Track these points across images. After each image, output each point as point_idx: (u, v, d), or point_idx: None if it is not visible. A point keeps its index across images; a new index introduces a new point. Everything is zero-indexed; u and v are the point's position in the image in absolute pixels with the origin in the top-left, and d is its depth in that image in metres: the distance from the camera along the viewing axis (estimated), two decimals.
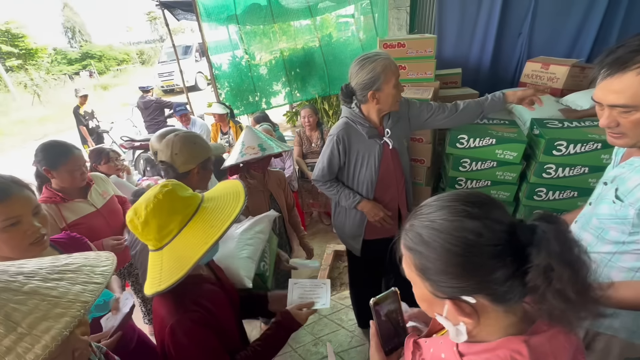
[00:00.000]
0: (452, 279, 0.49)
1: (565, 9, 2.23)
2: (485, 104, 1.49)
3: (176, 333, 0.83)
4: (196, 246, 0.81)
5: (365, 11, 3.95)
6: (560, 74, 2.06)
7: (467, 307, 0.51)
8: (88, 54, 20.03)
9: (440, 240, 0.49)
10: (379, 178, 1.54)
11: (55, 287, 0.53)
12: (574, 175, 1.48)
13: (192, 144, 1.25)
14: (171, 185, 0.86)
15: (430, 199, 0.55)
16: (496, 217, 0.49)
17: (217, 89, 3.98)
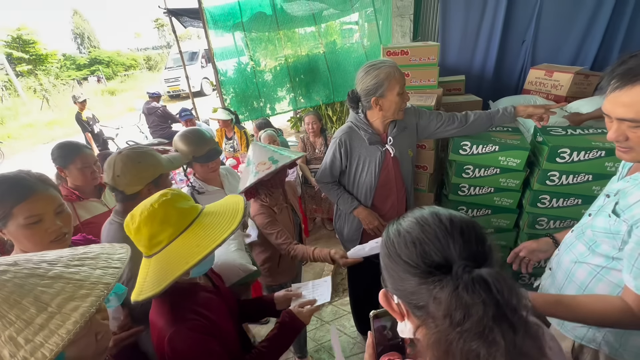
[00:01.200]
0: (384, 273, 0.55)
1: (569, 17, 2.24)
2: (495, 117, 1.50)
3: (175, 343, 0.83)
4: (179, 263, 0.81)
5: (369, 19, 3.99)
6: (564, 81, 2.06)
7: (393, 303, 0.56)
8: (96, 60, 20.37)
9: (385, 239, 0.56)
10: (379, 185, 1.56)
11: (78, 272, 0.57)
12: (578, 182, 1.47)
13: (136, 164, 1.15)
14: (171, 195, 0.86)
15: (421, 210, 0.57)
16: (433, 245, 0.49)
17: (222, 94, 4.02)
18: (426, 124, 1.56)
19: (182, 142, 1.60)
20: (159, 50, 26.41)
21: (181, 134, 1.62)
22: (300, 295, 1.24)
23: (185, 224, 0.86)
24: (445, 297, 0.43)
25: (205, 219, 0.88)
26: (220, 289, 1.07)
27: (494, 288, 0.42)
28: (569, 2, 2.20)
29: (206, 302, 0.94)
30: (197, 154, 1.59)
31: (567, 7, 2.21)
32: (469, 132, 1.55)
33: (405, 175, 1.60)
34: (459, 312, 0.42)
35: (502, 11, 2.33)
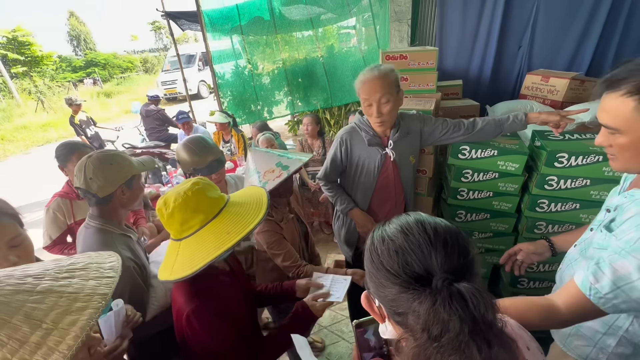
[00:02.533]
0: (367, 276, 0.56)
1: (564, 24, 2.26)
2: (505, 125, 1.44)
3: (192, 320, 0.88)
4: (210, 248, 0.85)
5: (367, 23, 4.02)
6: (560, 86, 2.08)
7: (374, 305, 0.57)
8: (92, 62, 20.27)
9: (369, 243, 0.56)
10: (377, 187, 1.56)
11: (69, 284, 0.54)
12: (576, 187, 1.48)
13: (108, 165, 1.14)
14: (202, 184, 0.91)
15: (408, 216, 0.56)
16: (415, 255, 0.49)
17: (219, 97, 4.02)
18: (431, 130, 1.53)
19: (184, 152, 1.56)
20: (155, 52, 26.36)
21: (183, 143, 1.58)
22: (321, 286, 1.23)
23: (215, 211, 0.90)
24: (424, 311, 0.43)
25: (232, 208, 0.93)
26: (236, 272, 1.10)
27: (471, 304, 0.42)
28: (564, 10, 2.23)
29: (223, 285, 0.99)
30: (198, 166, 1.54)
31: (562, 14, 2.24)
32: (477, 139, 1.51)
33: (405, 181, 1.59)
34: (436, 327, 0.42)
35: (498, 17, 2.35)
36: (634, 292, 0.66)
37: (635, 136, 0.70)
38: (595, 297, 0.70)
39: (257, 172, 1.36)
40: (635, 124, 0.69)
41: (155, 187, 3.11)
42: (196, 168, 1.54)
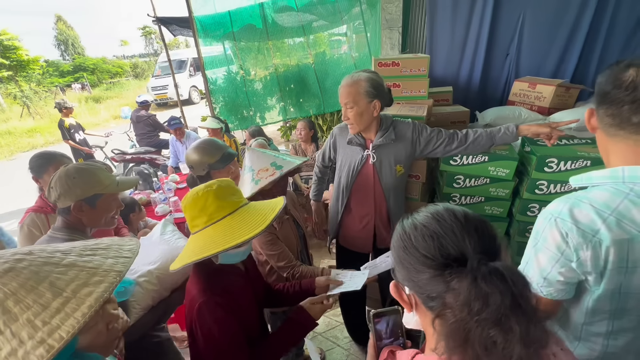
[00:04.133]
0: (396, 265, 0.58)
1: (549, 33, 2.33)
2: (496, 138, 1.47)
3: (203, 312, 0.93)
4: (205, 248, 0.89)
5: (358, 30, 4.07)
6: (546, 93, 2.14)
7: (404, 294, 0.59)
8: (81, 67, 19.98)
9: (400, 233, 0.58)
10: (354, 187, 1.62)
11: (91, 261, 0.60)
12: (566, 191, 1.51)
13: (70, 179, 1.12)
14: (216, 186, 0.95)
15: (433, 206, 0.60)
16: (450, 239, 0.51)
17: (211, 103, 4.00)
18: (426, 141, 1.54)
19: (195, 153, 1.58)
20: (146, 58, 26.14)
21: (192, 147, 1.62)
22: (341, 283, 1.25)
23: (220, 215, 0.93)
24: (464, 287, 0.46)
25: (241, 214, 0.95)
26: (250, 273, 1.13)
27: (509, 279, 0.45)
28: (548, 20, 2.30)
29: (235, 284, 1.03)
30: (212, 161, 1.56)
31: (547, 24, 2.31)
32: (470, 152, 1.54)
33: (386, 186, 1.59)
34: (477, 302, 0.44)
35: (486, 26, 2.41)
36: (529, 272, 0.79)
37: (598, 140, 0.80)
38: None
39: (251, 169, 1.41)
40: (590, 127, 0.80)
41: (146, 193, 3.06)
42: (211, 163, 1.56)
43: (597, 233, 0.68)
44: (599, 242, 0.68)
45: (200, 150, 1.57)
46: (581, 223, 0.70)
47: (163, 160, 4.71)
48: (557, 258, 0.74)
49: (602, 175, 0.73)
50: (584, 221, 0.70)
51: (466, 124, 2.16)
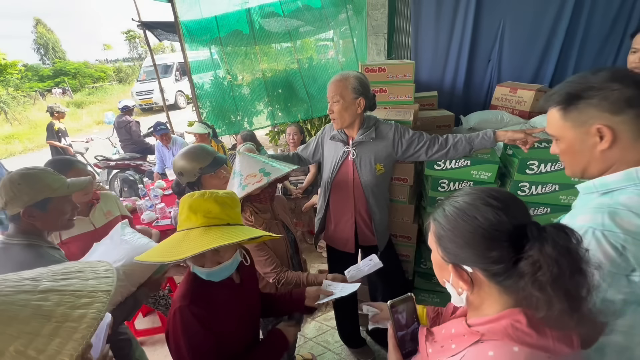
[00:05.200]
0: (457, 247, 0.61)
1: (528, 40, 2.43)
2: (475, 142, 1.52)
3: (177, 317, 0.94)
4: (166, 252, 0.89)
5: (344, 36, 4.12)
6: (526, 97, 2.21)
7: (464, 274, 0.62)
8: (62, 71, 19.47)
9: (456, 215, 0.61)
10: (335, 183, 1.68)
11: (70, 284, 0.56)
12: (546, 192, 1.57)
13: (15, 185, 1.09)
14: (208, 196, 0.95)
15: (465, 187, 0.69)
16: (510, 211, 0.58)
17: (198, 108, 3.96)
18: (408, 143, 1.58)
19: (185, 159, 1.56)
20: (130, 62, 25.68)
21: (181, 153, 1.60)
22: (332, 293, 1.25)
23: (198, 224, 0.93)
24: (540, 252, 0.53)
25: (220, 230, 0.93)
26: (244, 285, 1.12)
27: (569, 233, 0.55)
28: (527, 27, 2.39)
29: (221, 295, 1.02)
30: (203, 165, 1.54)
31: (526, 32, 2.40)
32: (451, 156, 1.57)
33: (365, 184, 1.63)
34: (562, 257, 0.52)
35: (468, 33, 2.48)
36: None
37: (567, 142, 0.79)
38: None
39: (240, 174, 1.41)
40: (565, 131, 0.78)
41: (132, 200, 3.00)
42: (202, 167, 1.54)
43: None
44: None
45: (190, 156, 1.56)
46: (631, 231, 0.67)
47: (149, 166, 4.62)
48: (612, 275, 0.69)
49: (617, 179, 0.73)
50: (632, 228, 0.67)
51: (451, 128, 2.21)
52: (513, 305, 0.59)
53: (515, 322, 0.57)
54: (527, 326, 0.56)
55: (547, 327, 0.56)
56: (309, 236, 3.46)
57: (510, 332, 0.56)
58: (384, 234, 1.81)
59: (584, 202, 0.79)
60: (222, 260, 0.97)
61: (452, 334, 0.65)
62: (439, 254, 0.65)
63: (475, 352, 0.59)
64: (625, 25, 2.23)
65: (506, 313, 0.59)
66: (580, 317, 0.53)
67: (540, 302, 0.53)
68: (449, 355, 0.63)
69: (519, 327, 0.56)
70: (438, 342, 0.68)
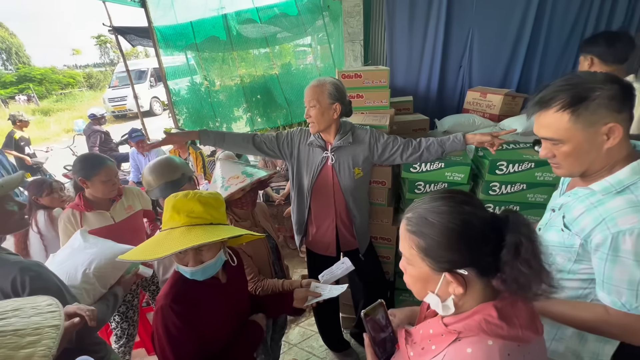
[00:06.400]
0: (452, 253, 0.61)
1: (496, 47, 2.56)
2: (446, 145, 1.60)
3: (159, 315, 0.97)
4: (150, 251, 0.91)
5: (322, 41, 4.17)
6: (496, 101, 2.33)
7: (460, 278, 0.62)
8: (26, 77, 18.45)
9: (444, 221, 0.61)
10: (315, 188, 1.68)
11: (8, 324, 0.51)
12: (515, 191, 1.65)
13: None
14: (191, 196, 0.96)
15: (427, 195, 0.68)
16: (481, 206, 0.63)
17: (175, 114, 3.88)
18: (383, 146, 1.65)
19: (148, 174, 1.55)
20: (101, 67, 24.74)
21: (147, 166, 1.60)
22: (319, 295, 1.26)
23: (179, 224, 0.94)
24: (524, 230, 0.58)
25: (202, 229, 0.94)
26: (231, 285, 1.13)
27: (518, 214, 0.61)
28: (493, 35, 2.52)
29: (205, 295, 1.03)
30: (168, 180, 1.54)
31: (493, 40, 2.54)
32: (425, 159, 1.65)
33: (345, 188, 1.66)
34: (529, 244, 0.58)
35: (440, 40, 2.59)
36: None
37: (575, 143, 0.81)
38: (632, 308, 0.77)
39: (222, 177, 1.42)
40: (574, 132, 0.80)
41: None
42: (167, 182, 1.53)
43: None
44: None
45: (151, 171, 1.55)
46: None
47: (123, 175, 4.46)
48: None
49: (628, 175, 0.78)
50: None
51: (426, 131, 2.28)
52: (488, 299, 0.62)
53: (488, 316, 0.60)
54: (498, 319, 0.59)
55: (515, 317, 0.60)
56: (291, 241, 3.45)
57: (484, 326, 0.59)
58: (365, 236, 1.84)
59: (599, 202, 0.81)
60: (205, 259, 0.98)
61: (431, 334, 0.67)
62: (428, 266, 0.63)
63: (455, 351, 0.61)
64: (581, 33, 2.40)
65: (479, 308, 0.61)
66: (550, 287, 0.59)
67: (528, 279, 0.57)
68: (431, 356, 0.64)
69: (491, 321, 0.59)
70: (418, 344, 0.69)
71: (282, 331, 1.71)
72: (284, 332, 1.78)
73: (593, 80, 0.76)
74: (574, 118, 0.78)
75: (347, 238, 1.79)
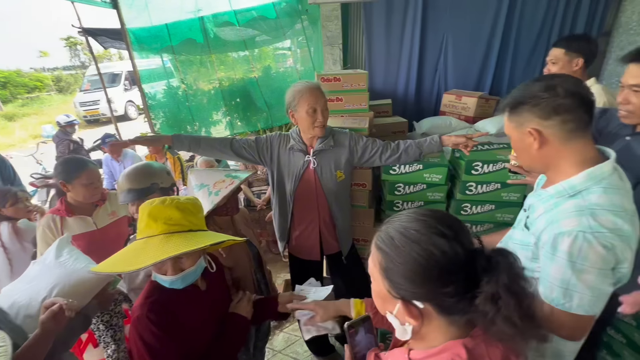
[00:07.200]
0: (409, 283, 0.56)
1: (469, 52, 2.66)
2: (423, 147, 1.65)
3: (136, 326, 0.95)
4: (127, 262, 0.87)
5: (302, 45, 4.17)
6: (470, 104, 2.41)
7: (414, 310, 0.57)
8: None
9: (409, 248, 0.56)
10: (298, 193, 1.67)
11: None
12: (490, 190, 1.71)
13: None
14: (169, 202, 0.93)
15: (409, 210, 0.63)
16: (461, 240, 0.56)
17: (151, 119, 3.76)
18: (362, 149, 1.67)
19: (122, 180, 1.48)
20: (71, 70, 23.66)
21: (123, 173, 1.54)
22: (304, 298, 1.23)
23: (157, 232, 0.90)
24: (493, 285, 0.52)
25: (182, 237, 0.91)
26: (210, 292, 1.10)
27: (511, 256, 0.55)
28: (466, 40, 2.62)
29: (182, 302, 1.00)
30: (135, 187, 1.46)
31: (466, 44, 2.63)
32: (403, 160, 1.69)
33: (328, 191, 1.67)
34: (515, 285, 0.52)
35: (416, 45, 2.66)
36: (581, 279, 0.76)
37: (513, 141, 0.90)
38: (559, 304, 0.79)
39: (203, 186, 1.36)
40: (510, 131, 0.90)
41: None
42: (131, 188, 1.46)
43: (623, 231, 0.73)
44: (628, 239, 0.74)
45: (127, 176, 1.49)
46: (613, 229, 0.73)
47: None
48: (605, 272, 0.74)
49: (581, 181, 0.80)
50: (612, 226, 0.73)
51: (405, 133, 2.33)
52: (458, 336, 0.58)
53: (456, 356, 0.55)
54: None
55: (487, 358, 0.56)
56: (273, 246, 3.41)
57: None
58: (347, 239, 1.84)
59: (553, 205, 0.85)
60: (185, 267, 0.95)
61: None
62: (385, 287, 0.59)
63: None
64: (547, 38, 2.53)
65: (448, 345, 0.57)
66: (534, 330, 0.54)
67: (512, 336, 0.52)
68: None
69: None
70: None
71: (266, 338, 1.68)
72: (268, 339, 1.74)
73: (532, 88, 0.83)
74: (509, 119, 0.88)
75: (329, 241, 1.79)
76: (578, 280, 0.75)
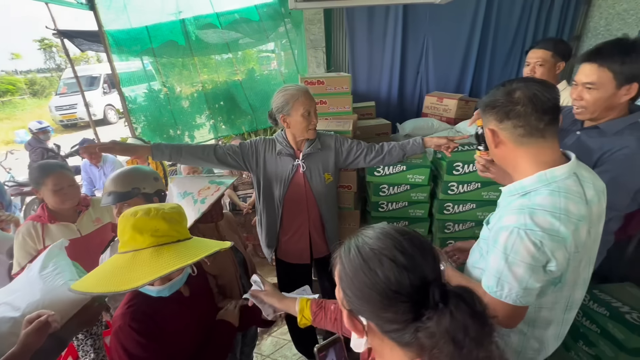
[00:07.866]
0: (355, 298, 0.56)
1: (449, 55, 2.73)
2: (406, 149, 1.68)
3: (118, 336, 0.92)
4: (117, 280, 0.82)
5: (285, 47, 4.17)
6: (451, 105, 2.47)
7: (358, 324, 0.58)
8: None
9: (358, 264, 0.56)
10: (287, 197, 1.66)
11: None
12: (471, 190, 1.76)
13: None
14: (154, 213, 0.89)
15: (386, 225, 0.61)
16: (416, 270, 0.52)
17: (131, 123, 3.67)
18: (347, 151, 1.69)
19: (108, 182, 1.44)
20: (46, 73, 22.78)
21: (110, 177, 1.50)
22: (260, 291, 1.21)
23: (144, 245, 0.87)
24: (443, 327, 0.47)
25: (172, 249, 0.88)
26: (194, 299, 1.08)
27: (473, 302, 0.49)
28: (446, 43, 2.69)
29: (165, 309, 0.99)
30: (118, 190, 1.41)
31: (446, 48, 2.71)
32: (387, 162, 1.72)
33: (317, 194, 1.68)
34: (459, 333, 0.46)
35: (398, 48, 2.71)
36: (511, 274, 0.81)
37: (486, 137, 0.94)
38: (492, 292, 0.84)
39: (187, 194, 1.32)
40: (485, 128, 0.94)
41: None
42: (112, 191, 1.42)
43: (559, 233, 0.77)
44: (564, 240, 0.77)
45: (111, 177, 1.46)
46: (547, 229, 0.76)
47: None
48: (534, 267, 0.78)
49: (532, 182, 0.83)
50: (547, 226, 0.77)
51: (389, 135, 2.36)
52: (412, 357, 0.54)
53: None
54: None
55: None
56: (260, 250, 3.38)
57: None
58: (335, 241, 1.85)
59: (507, 203, 0.90)
60: (173, 276, 0.95)
61: None
62: (340, 296, 0.61)
63: None
64: (522, 42, 2.63)
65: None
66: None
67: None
68: None
69: None
70: None
71: (253, 343, 1.66)
72: (255, 344, 1.73)
73: (496, 93, 0.88)
74: (482, 117, 0.95)
75: (319, 244, 1.79)
76: (509, 271, 0.80)
